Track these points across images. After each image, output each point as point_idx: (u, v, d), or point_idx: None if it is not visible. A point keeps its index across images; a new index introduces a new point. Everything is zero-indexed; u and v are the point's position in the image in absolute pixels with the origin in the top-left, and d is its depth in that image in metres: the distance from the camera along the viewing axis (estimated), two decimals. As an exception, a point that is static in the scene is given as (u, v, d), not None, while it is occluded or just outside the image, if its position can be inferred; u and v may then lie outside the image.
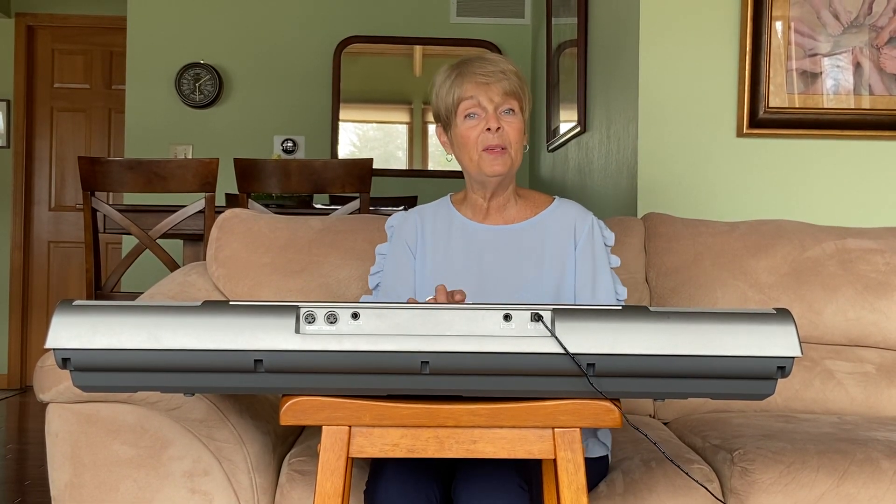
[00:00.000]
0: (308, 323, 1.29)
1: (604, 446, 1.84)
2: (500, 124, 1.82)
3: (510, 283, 1.86)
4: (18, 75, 6.27)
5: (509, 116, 1.83)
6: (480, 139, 1.83)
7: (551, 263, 1.87)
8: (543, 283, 1.86)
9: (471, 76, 1.83)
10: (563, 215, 1.92)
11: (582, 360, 1.28)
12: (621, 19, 3.25)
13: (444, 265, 1.90)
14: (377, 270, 1.99)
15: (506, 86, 1.82)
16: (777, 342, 1.29)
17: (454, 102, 1.84)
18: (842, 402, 2.40)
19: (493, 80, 1.82)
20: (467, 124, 1.84)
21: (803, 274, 2.47)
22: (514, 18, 5.46)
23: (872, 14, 2.99)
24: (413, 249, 1.94)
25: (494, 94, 1.82)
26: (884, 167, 3.03)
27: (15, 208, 6.26)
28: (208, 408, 1.82)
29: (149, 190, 3.30)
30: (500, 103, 1.82)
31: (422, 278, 1.91)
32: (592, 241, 1.88)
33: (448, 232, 1.93)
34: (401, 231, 1.96)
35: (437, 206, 1.99)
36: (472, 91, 1.82)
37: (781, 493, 1.86)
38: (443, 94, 1.86)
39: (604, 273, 1.88)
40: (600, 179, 3.56)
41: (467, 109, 1.83)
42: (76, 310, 1.29)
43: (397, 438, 1.36)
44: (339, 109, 5.41)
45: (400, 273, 1.93)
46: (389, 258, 1.96)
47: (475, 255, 1.90)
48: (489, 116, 1.82)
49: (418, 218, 1.96)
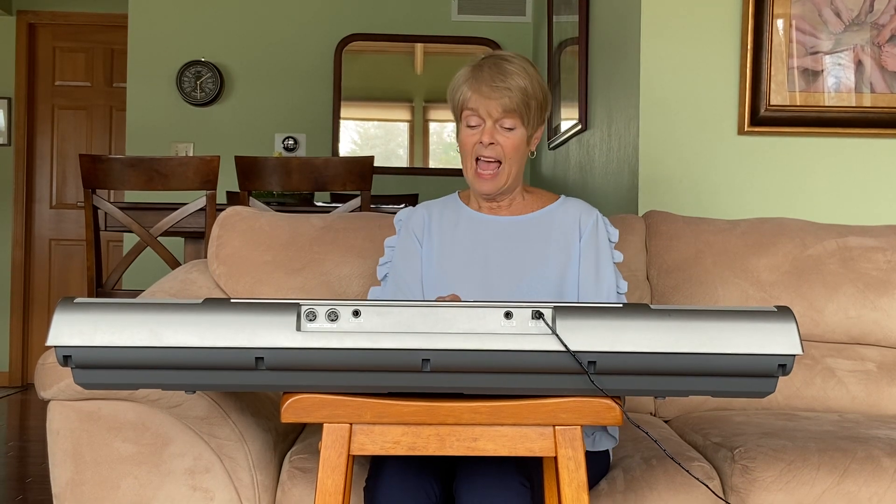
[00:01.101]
0: (309, 320, 1.29)
1: (612, 439, 1.86)
2: (493, 139, 1.85)
3: (514, 273, 1.89)
4: (20, 73, 6.27)
5: (507, 132, 1.86)
6: (476, 148, 1.87)
7: (556, 255, 1.90)
8: (547, 275, 1.89)
9: (477, 85, 1.84)
10: (569, 210, 1.96)
11: (583, 357, 1.28)
12: (622, 17, 3.25)
13: (451, 255, 1.94)
14: (386, 261, 2.03)
15: (507, 103, 1.83)
16: (778, 340, 1.29)
17: (458, 105, 1.89)
18: (843, 400, 2.40)
19: (495, 95, 1.83)
20: (467, 131, 1.88)
21: (804, 272, 2.47)
22: (515, 16, 5.46)
23: (874, 12, 2.99)
24: (420, 240, 1.98)
25: (494, 109, 1.84)
26: (885, 165, 3.03)
27: (16, 206, 6.26)
28: (209, 405, 1.82)
29: (150, 188, 3.30)
30: (498, 118, 1.85)
31: (428, 268, 1.95)
32: (597, 236, 1.92)
33: (455, 223, 1.97)
34: (409, 223, 2.01)
35: (445, 201, 2.04)
36: (475, 102, 1.85)
37: (782, 491, 1.86)
38: (454, 88, 1.90)
39: (607, 267, 1.90)
40: (601, 177, 3.56)
41: (468, 117, 1.87)
42: (77, 307, 1.29)
43: (398, 436, 1.37)
44: (341, 107, 5.41)
45: (408, 262, 1.96)
46: (398, 249, 2.00)
47: (481, 245, 1.93)
48: (486, 130, 1.85)
49: (425, 211, 2.01)
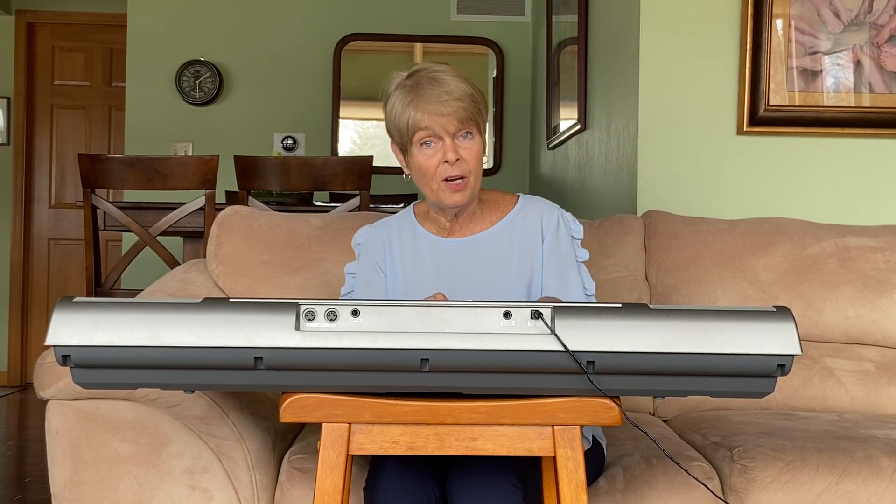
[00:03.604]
0: (308, 320, 1.29)
1: (586, 440, 1.78)
2: (458, 155, 1.75)
3: (480, 291, 1.82)
4: (19, 72, 6.26)
5: (467, 141, 1.77)
6: (440, 170, 1.77)
7: (519, 264, 1.85)
8: (512, 286, 1.84)
9: (424, 105, 1.75)
10: (528, 214, 1.88)
11: (582, 357, 1.28)
12: (622, 17, 3.25)
13: (415, 279, 1.87)
14: (348, 291, 1.94)
15: (461, 114, 1.75)
16: (777, 340, 1.29)
17: (408, 129, 1.77)
18: (841, 400, 2.40)
19: (447, 109, 1.74)
20: (424, 153, 1.77)
21: (803, 272, 2.47)
22: (514, 16, 5.45)
23: (873, 12, 2.99)
24: (382, 267, 1.90)
25: (449, 123, 1.75)
26: (884, 165, 3.03)
27: (15, 205, 6.26)
28: (208, 405, 1.82)
29: (149, 187, 3.30)
30: (456, 131, 1.76)
31: (394, 293, 1.89)
32: (558, 235, 1.85)
33: (414, 247, 1.90)
34: (367, 249, 1.92)
35: (402, 220, 1.94)
36: (427, 121, 1.75)
37: (781, 491, 1.86)
38: (395, 115, 1.79)
39: (570, 268, 1.85)
40: (600, 177, 3.56)
41: (423, 138, 1.77)
42: (76, 307, 1.29)
43: (397, 436, 1.36)
44: (340, 107, 5.41)
45: (370, 292, 1.89)
46: (359, 278, 1.92)
47: (444, 268, 1.87)
48: (446, 147, 1.75)
49: (384, 232, 1.93)
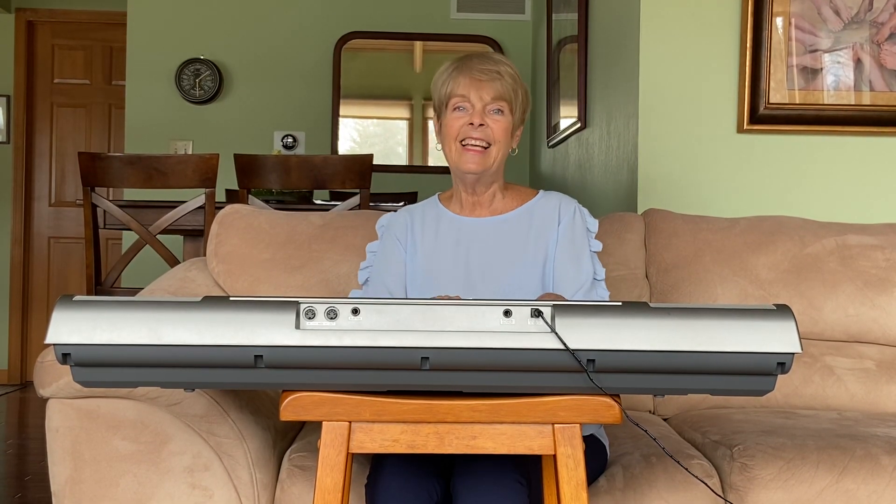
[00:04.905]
0: (308, 318, 1.29)
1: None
2: (484, 121, 1.88)
3: (496, 270, 1.92)
4: (18, 71, 6.26)
5: (497, 116, 1.89)
6: (462, 130, 1.89)
7: (535, 247, 1.93)
8: (528, 268, 1.91)
9: (467, 72, 1.89)
10: (548, 203, 1.99)
11: (582, 355, 1.28)
12: (622, 15, 3.25)
13: (434, 257, 1.96)
14: (367, 265, 2.05)
15: (498, 87, 1.88)
16: (777, 338, 1.29)
17: (447, 95, 1.91)
18: (842, 399, 2.40)
19: (486, 78, 1.88)
20: (454, 115, 1.90)
21: (803, 270, 2.47)
22: (514, 14, 5.45)
23: (873, 10, 2.99)
24: (403, 243, 2.00)
25: (485, 92, 1.88)
26: (884, 163, 3.03)
27: (15, 204, 6.26)
28: (208, 403, 1.82)
29: (149, 186, 3.30)
30: (488, 102, 1.89)
31: (412, 271, 1.97)
32: (574, 223, 1.95)
33: (436, 227, 2.00)
34: (390, 228, 2.03)
35: (426, 205, 2.06)
36: (465, 88, 1.88)
37: (781, 489, 1.86)
38: (439, 85, 1.94)
39: (584, 251, 1.93)
40: (600, 175, 3.56)
41: (457, 103, 1.90)
42: (76, 305, 1.29)
43: (397, 434, 1.37)
44: (340, 105, 5.40)
45: (389, 264, 1.99)
46: (380, 253, 2.03)
47: (463, 246, 1.95)
48: (475, 112, 1.88)
49: (408, 216, 2.04)
